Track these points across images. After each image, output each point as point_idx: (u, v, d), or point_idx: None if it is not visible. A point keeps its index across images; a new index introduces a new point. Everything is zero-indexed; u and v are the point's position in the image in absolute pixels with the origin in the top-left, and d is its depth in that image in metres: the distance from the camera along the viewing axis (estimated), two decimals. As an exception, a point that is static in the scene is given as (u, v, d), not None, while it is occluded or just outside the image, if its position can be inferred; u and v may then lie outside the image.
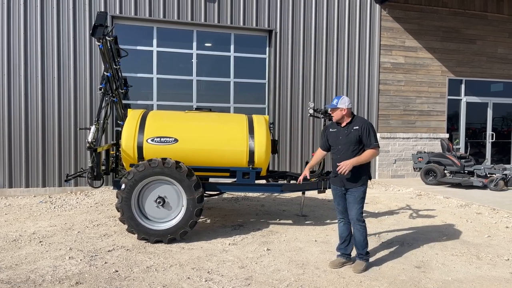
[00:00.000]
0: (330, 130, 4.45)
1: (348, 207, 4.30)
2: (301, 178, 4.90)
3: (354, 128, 4.22)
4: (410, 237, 5.53)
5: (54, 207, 7.15)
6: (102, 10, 8.58)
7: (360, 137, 4.19)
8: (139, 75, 9.23)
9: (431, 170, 9.76)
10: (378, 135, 10.63)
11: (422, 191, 8.93)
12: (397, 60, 10.80)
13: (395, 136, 10.83)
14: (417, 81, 11.02)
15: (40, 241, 5.09)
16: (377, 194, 8.67)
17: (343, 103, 4.24)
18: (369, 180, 4.37)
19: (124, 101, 8.97)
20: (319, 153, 4.68)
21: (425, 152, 10.36)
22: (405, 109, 10.96)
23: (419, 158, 10.10)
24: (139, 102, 9.22)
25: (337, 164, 4.24)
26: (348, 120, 4.30)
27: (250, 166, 5.38)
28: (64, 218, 6.33)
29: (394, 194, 8.84)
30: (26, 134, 8.30)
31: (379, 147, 4.24)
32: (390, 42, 10.69)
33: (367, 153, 4.17)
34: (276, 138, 9.73)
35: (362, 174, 4.25)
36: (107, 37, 5.21)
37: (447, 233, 5.75)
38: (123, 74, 8.95)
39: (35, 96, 8.33)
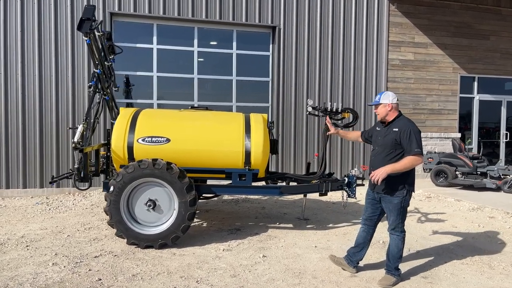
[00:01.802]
0: (377, 128, 4.10)
1: (387, 215, 3.95)
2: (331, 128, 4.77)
3: (394, 130, 3.79)
4: (417, 243, 5.19)
5: (49, 209, 6.95)
6: (101, 6, 8.39)
7: (397, 140, 3.74)
8: (138, 73, 9.00)
9: (442, 171, 9.36)
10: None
11: (432, 193, 8.54)
12: (406, 57, 10.40)
13: (404, 135, 10.41)
14: (427, 79, 10.61)
15: (27, 246, 4.88)
16: (384, 196, 8.30)
17: (386, 97, 3.86)
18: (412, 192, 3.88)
19: (126, 100, 8.83)
20: (357, 135, 4.49)
21: (435, 152, 9.96)
22: (414, 108, 10.55)
23: (429, 159, 9.70)
24: (139, 101, 8.99)
25: (371, 167, 3.93)
26: (391, 118, 3.88)
27: (247, 167, 5.09)
28: (57, 221, 6.12)
29: (403, 196, 8.46)
30: (24, 134, 8.13)
31: (422, 154, 3.70)
32: (399, 38, 10.30)
33: (405, 160, 3.67)
34: (279, 138, 9.45)
35: (397, 183, 3.76)
36: (95, 32, 4.97)
37: (457, 239, 5.39)
38: (126, 73, 8.83)
39: (32, 95, 8.15)
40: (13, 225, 5.88)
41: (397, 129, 3.78)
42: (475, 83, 11.14)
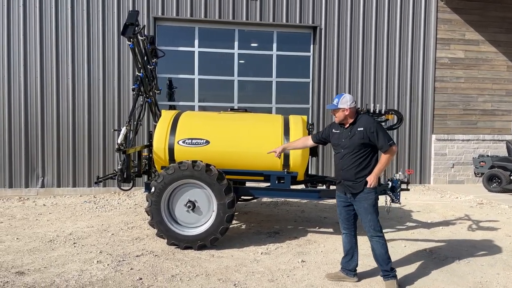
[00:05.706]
0: (333, 130, 4.03)
1: (361, 219, 3.86)
2: (276, 150, 4.37)
3: (358, 129, 3.79)
4: (468, 252, 4.88)
5: (96, 207, 7.23)
6: (145, 11, 8.63)
7: (365, 140, 3.75)
8: (180, 76, 9.19)
9: (495, 176, 8.80)
10: (433, 136, 9.81)
11: (484, 199, 8.05)
12: (455, 55, 9.89)
13: (453, 138, 9.92)
14: (479, 78, 10.03)
15: (74, 243, 5.09)
16: (431, 202, 7.92)
17: (344, 102, 3.82)
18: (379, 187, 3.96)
19: (169, 103, 9.05)
20: (305, 140, 4.39)
21: (488, 155, 9.38)
22: (465, 108, 10.01)
23: (481, 162, 9.15)
24: (181, 103, 9.17)
25: (340, 170, 3.89)
26: (351, 120, 3.87)
27: (285, 170, 5.03)
28: (102, 219, 6.35)
29: (451, 201, 8.04)
30: (74, 136, 8.52)
31: (394, 144, 3.78)
32: (448, 35, 9.81)
33: (383, 159, 3.77)
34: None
35: (365, 178, 3.78)
36: (138, 36, 5.10)
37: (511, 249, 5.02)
38: (169, 76, 9.06)
39: (82, 98, 8.53)
40: (62, 223, 6.16)
41: (362, 129, 3.78)
42: (533, 82, 10.40)
